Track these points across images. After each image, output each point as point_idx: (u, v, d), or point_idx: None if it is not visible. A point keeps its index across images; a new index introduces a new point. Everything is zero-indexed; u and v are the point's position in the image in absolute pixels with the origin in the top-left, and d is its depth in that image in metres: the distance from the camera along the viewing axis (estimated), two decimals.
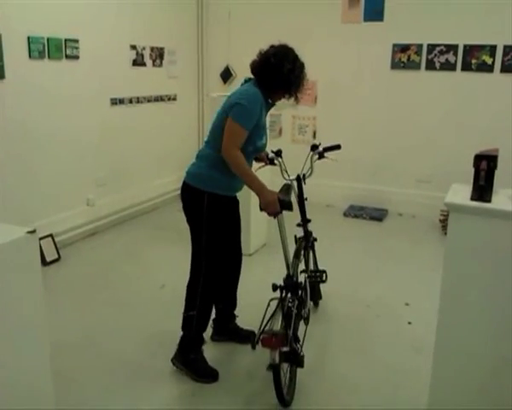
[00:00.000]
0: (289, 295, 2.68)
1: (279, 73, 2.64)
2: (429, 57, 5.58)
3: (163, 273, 4.16)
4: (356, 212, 5.94)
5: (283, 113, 6.33)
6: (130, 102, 5.50)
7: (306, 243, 3.31)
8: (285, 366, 2.57)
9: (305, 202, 3.25)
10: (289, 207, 2.61)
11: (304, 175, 3.23)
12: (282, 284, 2.67)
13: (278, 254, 2.93)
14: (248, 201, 4.50)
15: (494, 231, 2.02)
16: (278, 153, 3.19)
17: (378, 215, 5.84)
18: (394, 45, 5.70)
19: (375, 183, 6.09)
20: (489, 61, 5.34)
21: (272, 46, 2.75)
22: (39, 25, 4.28)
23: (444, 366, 2.24)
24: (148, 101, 5.78)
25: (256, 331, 2.56)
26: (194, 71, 6.68)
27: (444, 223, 5.39)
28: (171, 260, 4.44)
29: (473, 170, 2.25)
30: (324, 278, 3.44)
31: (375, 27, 5.75)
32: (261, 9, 6.18)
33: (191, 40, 6.55)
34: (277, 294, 2.59)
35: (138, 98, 5.61)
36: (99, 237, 5.06)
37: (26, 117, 4.29)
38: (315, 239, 3.48)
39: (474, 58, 5.40)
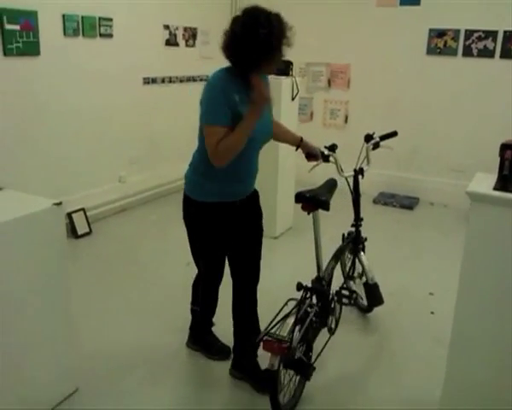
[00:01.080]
0: (313, 299, 2.51)
1: (256, 43, 2.14)
2: (466, 43, 5.42)
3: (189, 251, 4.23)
4: (386, 199, 5.86)
5: (315, 96, 6.28)
6: (163, 81, 5.55)
7: (356, 245, 3.13)
8: (291, 373, 2.43)
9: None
10: (325, 206, 2.42)
11: (361, 169, 3.03)
12: (310, 284, 2.51)
13: (304, 238, 2.92)
14: (275, 184, 4.53)
15: None
16: (333, 148, 2.82)
17: (408, 203, 5.76)
18: (431, 30, 5.55)
19: (407, 170, 5.99)
20: None
21: (235, 17, 2.26)
22: (74, 3, 4.35)
23: (459, 356, 2.21)
24: (181, 81, 5.83)
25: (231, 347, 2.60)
26: None
27: None
28: None
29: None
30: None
31: (411, 11, 5.60)
32: None
33: (225, 21, 6.51)
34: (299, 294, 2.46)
35: (170, 78, 5.66)
36: (129, 213, 5.18)
37: (61, 94, 4.39)
38: (365, 239, 3.25)
39: None
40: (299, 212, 2.64)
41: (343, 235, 3.11)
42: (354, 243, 3.15)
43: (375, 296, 3.19)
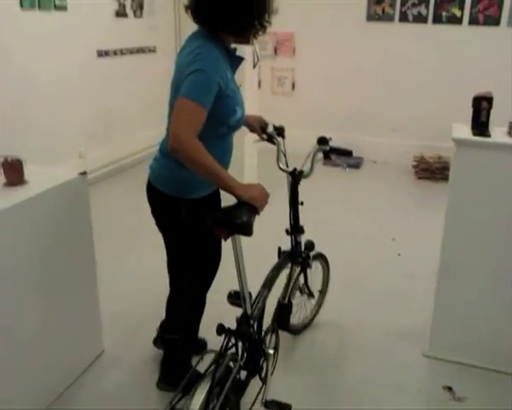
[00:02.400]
0: (238, 345, 1.95)
1: (237, 3, 1.85)
2: (402, 10, 5.87)
3: None
4: (334, 160, 6.27)
5: (262, 64, 6.49)
6: (115, 53, 5.52)
7: (293, 259, 2.53)
8: None
9: (300, 207, 2.50)
10: (245, 230, 1.77)
11: (301, 172, 2.43)
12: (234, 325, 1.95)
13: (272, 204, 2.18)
14: (241, 142, 4.67)
15: (494, 161, 2.37)
16: (281, 131, 2.52)
17: (355, 163, 6.21)
18: None
19: (351, 132, 6.41)
20: (458, 13, 5.68)
21: None
22: None
23: (447, 282, 2.62)
24: (131, 53, 5.81)
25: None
26: (171, 21, 6.69)
27: (416, 168, 5.82)
28: None
29: (471, 110, 2.56)
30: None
31: None
32: None
33: None
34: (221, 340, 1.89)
35: (122, 50, 5.63)
36: (93, 188, 5.14)
37: (18, 68, 4.29)
38: (317, 256, 2.74)
39: (444, 10, 5.72)
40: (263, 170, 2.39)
41: (279, 249, 2.46)
42: (290, 256, 2.52)
43: (282, 318, 2.56)
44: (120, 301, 3.14)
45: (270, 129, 2.49)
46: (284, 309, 2.55)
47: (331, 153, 2.50)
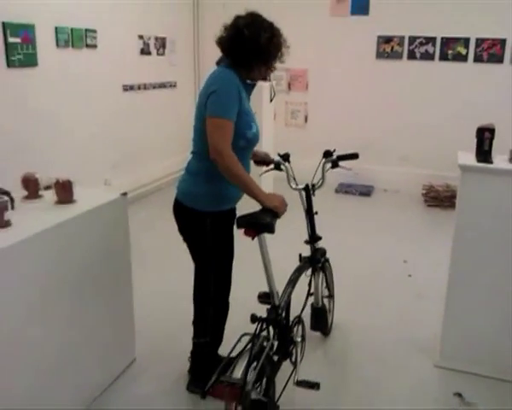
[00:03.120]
0: (269, 330, 2.28)
1: (256, 44, 2.24)
2: (410, 48, 6.20)
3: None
4: (346, 188, 6.53)
5: (277, 98, 6.83)
6: (139, 88, 5.88)
7: (314, 264, 2.85)
8: None
9: (315, 216, 2.85)
10: (269, 228, 2.14)
11: (314, 185, 2.79)
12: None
13: (286, 228, 2.85)
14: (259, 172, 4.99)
15: (497, 185, 2.61)
16: (286, 157, 2.78)
17: (366, 191, 6.46)
18: (379, 37, 6.30)
19: (362, 162, 6.60)
20: (463, 51, 6.00)
21: (239, 16, 2.33)
22: (64, 16, 4.61)
23: (455, 300, 2.82)
24: (154, 87, 6.17)
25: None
26: (191, 59, 7.09)
27: (426, 196, 6.05)
28: None
29: (475, 140, 2.81)
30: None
31: (361, 20, 6.31)
32: (253, 1, 6.63)
33: (188, 30, 6.95)
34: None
35: (145, 85, 5.99)
36: None
37: (54, 103, 4.62)
38: (326, 260, 3.05)
39: (450, 49, 6.05)
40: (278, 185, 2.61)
41: (300, 255, 2.80)
42: (311, 262, 2.84)
43: (320, 320, 3.07)
44: (152, 314, 3.37)
45: (277, 158, 2.78)
46: (320, 312, 3.01)
47: (339, 160, 2.78)
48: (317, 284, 2.94)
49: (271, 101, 5.04)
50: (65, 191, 2.45)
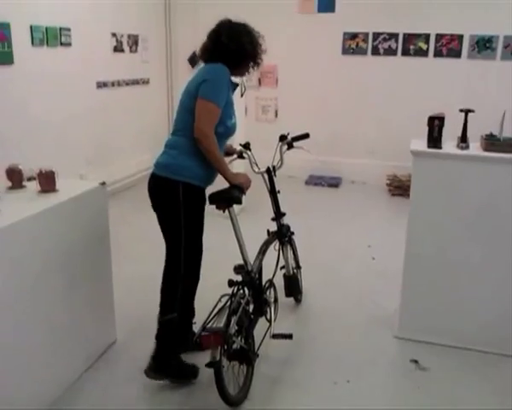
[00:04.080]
0: (245, 291, 2.61)
1: (242, 50, 2.58)
2: (374, 44, 6.49)
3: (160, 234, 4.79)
4: (315, 180, 6.79)
5: (247, 94, 7.03)
6: (113, 85, 6.01)
7: (280, 237, 3.19)
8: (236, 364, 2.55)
9: (278, 195, 3.20)
10: (238, 200, 2.53)
11: (274, 167, 3.15)
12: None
13: (255, 217, 3.42)
14: (230, 164, 5.19)
15: (445, 168, 2.89)
16: (246, 146, 3.08)
17: (334, 182, 6.73)
18: (345, 33, 6.57)
19: (330, 155, 6.95)
20: (424, 47, 6.32)
21: (220, 25, 2.63)
22: (39, 15, 4.73)
23: (411, 271, 3.09)
24: (127, 84, 6.31)
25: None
26: (163, 56, 7.24)
27: (390, 186, 6.36)
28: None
29: (426, 129, 3.07)
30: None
31: (327, 17, 6.57)
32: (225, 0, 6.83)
33: (160, 27, 7.10)
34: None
35: (119, 81, 6.13)
36: None
37: (29, 99, 4.74)
38: (292, 233, 3.39)
39: (412, 44, 6.36)
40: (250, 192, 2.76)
41: (268, 230, 3.16)
42: (278, 235, 3.19)
43: (293, 287, 3.41)
44: (131, 298, 3.54)
45: (238, 147, 3.08)
46: (292, 279, 3.38)
47: (293, 141, 3.18)
48: (287, 255, 3.28)
49: (242, 96, 5.24)
50: (48, 181, 2.62)
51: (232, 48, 2.56)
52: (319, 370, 2.89)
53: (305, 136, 3.19)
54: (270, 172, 3.13)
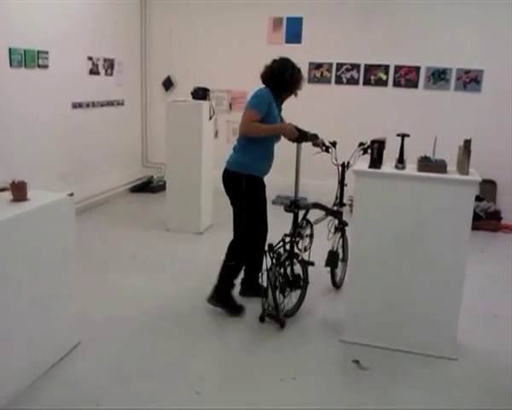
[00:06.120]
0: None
1: (283, 79, 3.63)
2: (338, 74, 6.91)
3: (131, 247, 5.03)
4: (282, 200, 7.10)
5: (219, 117, 7.37)
6: (88, 105, 6.28)
7: (339, 219, 4.14)
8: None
9: (345, 188, 4.13)
10: (305, 137, 3.71)
11: (348, 162, 4.00)
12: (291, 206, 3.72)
13: (224, 234, 3.76)
14: (199, 182, 5.47)
15: (383, 186, 3.21)
16: (334, 144, 4.07)
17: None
18: (310, 63, 6.97)
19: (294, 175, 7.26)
20: (384, 77, 6.76)
21: (274, 60, 3.71)
22: (18, 37, 4.99)
23: (354, 287, 3.39)
24: (102, 105, 6.58)
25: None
26: (138, 80, 7.54)
27: (351, 207, 6.68)
28: (134, 239, 5.32)
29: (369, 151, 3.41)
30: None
31: (294, 48, 6.92)
32: (198, 27, 7.20)
33: (136, 52, 7.42)
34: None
35: (94, 103, 6.40)
36: None
37: (6, 118, 4.97)
38: (346, 224, 4.15)
39: (373, 75, 6.79)
40: (218, 210, 3.32)
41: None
42: (338, 217, 4.18)
43: (331, 260, 4.08)
44: (96, 302, 3.77)
45: (327, 143, 4.07)
46: (334, 254, 4.04)
47: (368, 148, 3.65)
48: (336, 236, 4.07)
49: (211, 119, 5.55)
50: (19, 190, 2.86)
51: (277, 75, 3.65)
52: (267, 367, 3.16)
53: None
54: (344, 166, 4.01)
